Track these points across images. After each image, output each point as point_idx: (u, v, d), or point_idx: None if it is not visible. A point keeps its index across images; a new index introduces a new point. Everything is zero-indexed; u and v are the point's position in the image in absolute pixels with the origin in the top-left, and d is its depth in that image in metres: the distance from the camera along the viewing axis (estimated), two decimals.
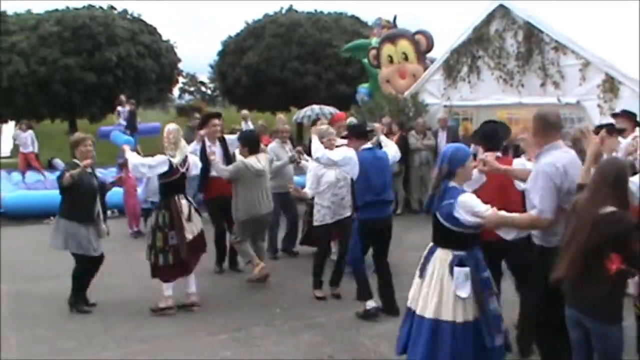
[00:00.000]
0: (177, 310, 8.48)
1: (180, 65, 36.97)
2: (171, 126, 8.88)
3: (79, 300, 8.71)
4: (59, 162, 22.99)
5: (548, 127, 5.38)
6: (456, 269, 5.41)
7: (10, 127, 37.32)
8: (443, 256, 5.53)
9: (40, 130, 25.52)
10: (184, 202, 8.57)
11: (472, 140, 7.82)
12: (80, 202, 8.44)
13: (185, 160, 8.67)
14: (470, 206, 5.33)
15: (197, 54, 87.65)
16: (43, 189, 19.22)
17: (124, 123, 21.49)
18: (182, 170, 8.60)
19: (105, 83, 29.47)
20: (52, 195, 16.93)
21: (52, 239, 8.63)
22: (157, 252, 8.40)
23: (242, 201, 9.30)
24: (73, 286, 8.69)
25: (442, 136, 15.76)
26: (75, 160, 8.54)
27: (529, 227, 5.50)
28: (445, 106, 16.72)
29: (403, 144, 15.60)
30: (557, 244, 5.17)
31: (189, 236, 8.44)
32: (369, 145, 8.21)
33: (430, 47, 19.70)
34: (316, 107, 23.73)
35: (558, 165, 5.21)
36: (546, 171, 5.25)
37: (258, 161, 9.35)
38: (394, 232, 7.28)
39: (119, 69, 29.80)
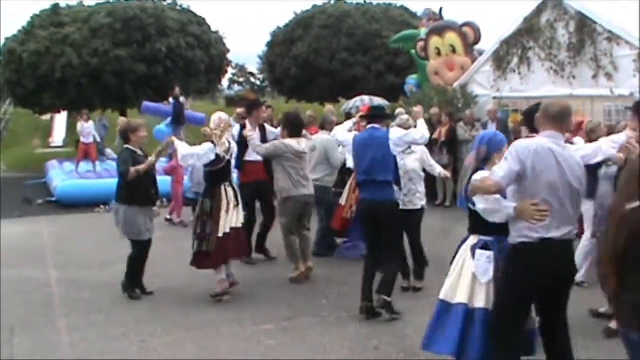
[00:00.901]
0: (230, 296, 8.58)
1: (229, 56, 36.99)
2: (222, 115, 8.94)
3: (132, 285, 8.83)
4: (110, 152, 23.33)
5: (545, 118, 5.23)
6: (478, 252, 5.43)
7: (63, 117, 37.96)
8: (470, 242, 5.57)
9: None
10: (230, 190, 8.64)
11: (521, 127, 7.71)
12: (140, 186, 8.53)
13: (229, 147, 8.74)
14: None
15: (246, 45, 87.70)
16: (95, 178, 19.51)
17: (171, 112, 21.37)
18: (228, 157, 8.67)
19: (155, 74, 29.66)
20: (103, 184, 17.28)
21: (117, 227, 8.76)
22: (194, 239, 8.55)
23: (282, 182, 9.25)
24: (127, 271, 8.82)
25: (492, 128, 15.58)
26: (130, 147, 8.63)
27: (480, 185, 5.17)
28: (494, 98, 16.56)
29: (452, 135, 15.53)
30: (514, 240, 5.10)
31: (220, 232, 8.43)
32: (375, 126, 8.00)
33: (477, 39, 19.52)
34: (366, 98, 23.71)
35: (530, 145, 5.04)
36: (516, 144, 5.12)
37: (298, 143, 9.28)
38: (442, 225, 7.19)
39: (168, 60, 29.95)
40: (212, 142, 8.56)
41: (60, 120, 38.99)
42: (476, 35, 19.34)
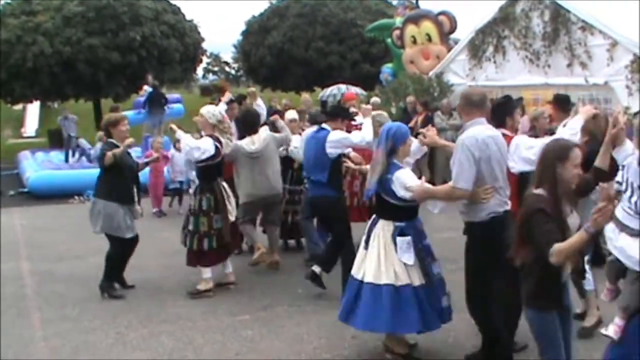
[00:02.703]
0: (212, 293, 8.46)
1: (204, 45, 36.85)
2: (222, 110, 8.90)
3: (111, 284, 8.64)
4: (84, 143, 23.10)
5: (470, 105, 5.67)
6: (399, 239, 5.89)
7: (35, 107, 37.63)
8: (385, 227, 6.01)
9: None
10: (224, 184, 8.59)
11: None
12: (120, 182, 8.39)
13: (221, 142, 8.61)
14: (403, 181, 5.80)
15: (220, 34, 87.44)
16: (68, 168, 19.35)
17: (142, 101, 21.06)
18: (227, 152, 8.61)
19: (130, 63, 29.47)
20: (76, 175, 17.14)
21: (91, 221, 8.58)
22: (201, 237, 8.28)
23: (241, 183, 9.09)
24: (105, 270, 8.59)
25: None
26: (112, 141, 8.48)
27: (446, 198, 5.81)
28: (470, 86, 16.58)
29: (428, 124, 15.52)
30: (486, 218, 5.50)
31: (232, 218, 8.47)
32: (323, 126, 8.15)
33: (453, 28, 19.56)
34: (343, 87, 23.74)
35: (478, 138, 5.41)
36: (465, 143, 5.46)
37: (252, 142, 9.01)
38: (420, 213, 7.12)
39: (143, 49, 29.75)
40: (210, 136, 8.42)
41: (33, 110, 38.67)
42: (452, 24, 19.37)
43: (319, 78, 35.71)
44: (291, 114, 10.29)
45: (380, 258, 5.93)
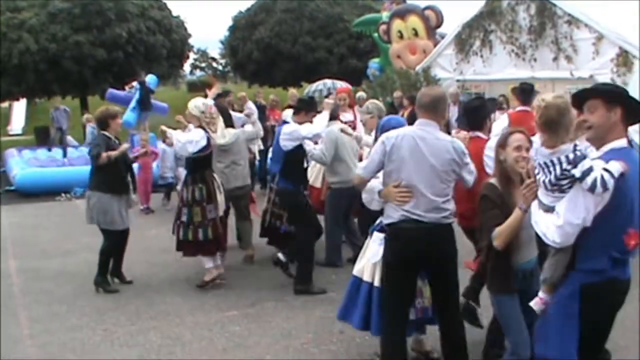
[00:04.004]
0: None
1: (191, 41, 36.77)
2: (209, 101, 8.85)
3: (105, 279, 8.64)
4: (70, 139, 23.03)
5: (418, 106, 5.48)
6: (375, 233, 5.87)
7: (22, 104, 37.44)
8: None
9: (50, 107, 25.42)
10: (215, 175, 8.61)
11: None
12: (114, 173, 8.40)
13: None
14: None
15: (207, 30, 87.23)
16: (55, 166, 19.25)
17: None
18: (220, 142, 8.69)
19: (116, 59, 29.36)
20: (64, 172, 17.07)
21: (86, 215, 8.59)
22: (195, 228, 8.29)
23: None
24: (100, 264, 8.60)
25: (454, 111, 15.64)
26: (107, 134, 8.50)
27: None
28: (458, 80, 16.62)
29: (414, 119, 15.55)
30: (399, 220, 5.25)
31: (220, 212, 8.48)
32: (286, 119, 8.61)
33: (439, 23, 19.61)
34: (328, 82, 23.69)
35: (399, 135, 5.27)
36: (384, 135, 5.37)
37: (223, 136, 9.02)
38: None
39: (129, 45, 29.65)
40: (202, 127, 8.43)
41: (19, 107, 38.46)
42: (438, 19, 19.43)
43: (306, 73, 35.71)
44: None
45: (365, 254, 6.01)
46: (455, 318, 5.52)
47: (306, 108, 8.69)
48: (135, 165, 12.74)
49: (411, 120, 10.32)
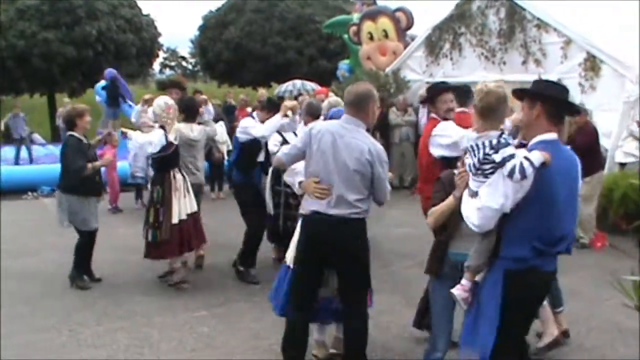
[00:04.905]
0: (189, 285, 8.54)
1: (161, 40, 36.65)
2: (169, 100, 8.76)
3: (80, 275, 8.64)
4: (37, 137, 22.80)
5: (345, 102, 5.58)
6: (301, 220, 5.91)
7: None
8: None
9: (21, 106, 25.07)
10: (178, 176, 8.48)
11: None
12: (85, 176, 8.29)
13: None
14: None
15: (177, 29, 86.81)
16: (22, 164, 19.05)
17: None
18: (176, 143, 8.48)
19: (85, 57, 29.14)
20: (30, 170, 16.89)
21: (58, 216, 8.51)
22: (148, 229, 8.31)
23: None
24: (75, 260, 8.61)
25: (423, 112, 15.71)
26: (74, 134, 8.39)
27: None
28: (427, 82, 16.67)
29: (384, 120, 15.64)
30: (310, 212, 5.42)
31: (175, 219, 8.27)
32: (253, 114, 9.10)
33: (410, 25, 19.64)
34: (298, 83, 23.66)
35: (320, 128, 5.48)
36: (310, 127, 5.60)
37: (191, 130, 8.97)
38: (376, 209, 7.18)
39: (99, 43, 29.44)
40: (163, 127, 8.38)
41: None
42: (409, 21, 19.45)
43: (276, 73, 35.70)
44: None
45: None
46: (356, 311, 5.61)
47: (268, 107, 8.84)
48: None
49: (380, 120, 10.40)
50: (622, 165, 11.69)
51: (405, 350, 6.48)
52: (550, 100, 4.27)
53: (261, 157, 8.83)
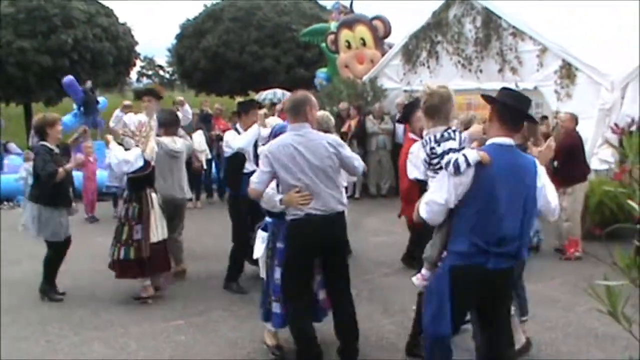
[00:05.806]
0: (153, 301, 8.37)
1: (138, 49, 36.48)
2: (141, 118, 8.64)
3: (51, 288, 8.52)
4: (13, 147, 22.56)
5: (287, 110, 5.90)
6: (259, 232, 6.48)
7: None
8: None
9: None
10: (154, 195, 8.38)
11: None
12: (56, 186, 8.16)
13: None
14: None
15: (155, 37, 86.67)
16: None
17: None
18: (153, 164, 8.35)
19: (62, 66, 28.90)
20: (6, 180, 16.72)
21: (26, 226, 8.42)
22: (120, 246, 8.15)
23: (160, 182, 8.75)
24: (45, 273, 8.49)
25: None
26: (46, 144, 8.25)
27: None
28: (405, 91, 16.74)
29: (361, 128, 15.69)
30: (303, 215, 5.62)
31: (154, 239, 8.19)
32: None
33: (387, 33, 19.73)
34: (279, 91, 23.72)
35: (279, 144, 5.70)
36: (267, 149, 5.80)
37: (174, 142, 8.89)
38: (351, 217, 7.23)
39: (75, 52, 29.28)
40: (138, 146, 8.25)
41: None
42: (386, 29, 19.55)
43: (253, 82, 35.65)
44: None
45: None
46: (347, 299, 6.03)
47: (244, 110, 8.82)
48: (79, 174, 12.61)
49: (358, 129, 10.51)
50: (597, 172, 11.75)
51: (383, 358, 6.48)
52: (499, 105, 4.49)
53: (249, 167, 8.49)
